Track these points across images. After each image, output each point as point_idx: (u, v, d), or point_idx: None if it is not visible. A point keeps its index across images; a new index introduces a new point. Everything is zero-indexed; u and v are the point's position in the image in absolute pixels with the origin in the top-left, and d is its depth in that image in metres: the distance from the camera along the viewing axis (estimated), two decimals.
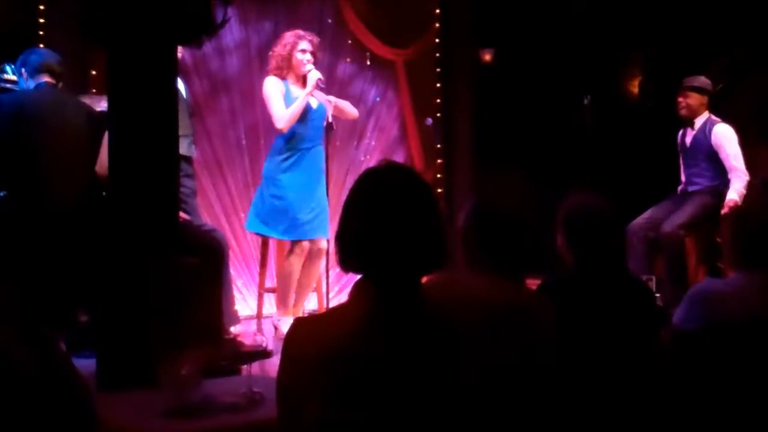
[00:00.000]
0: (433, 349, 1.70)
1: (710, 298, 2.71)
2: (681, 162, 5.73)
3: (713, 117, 5.58)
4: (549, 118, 6.58)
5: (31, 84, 4.16)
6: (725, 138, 5.46)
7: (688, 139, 5.64)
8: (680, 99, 5.59)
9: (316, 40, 5.17)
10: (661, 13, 6.35)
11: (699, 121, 5.58)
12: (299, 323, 1.78)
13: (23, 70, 4.19)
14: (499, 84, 6.80)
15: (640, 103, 6.77)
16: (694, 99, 5.57)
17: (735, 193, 5.33)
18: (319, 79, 5.05)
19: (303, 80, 5.10)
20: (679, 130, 5.74)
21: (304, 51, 5.07)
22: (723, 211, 5.28)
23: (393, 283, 1.72)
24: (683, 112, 5.60)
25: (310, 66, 5.07)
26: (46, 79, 4.13)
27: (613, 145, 6.38)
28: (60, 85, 4.23)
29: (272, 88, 5.06)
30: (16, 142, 3.89)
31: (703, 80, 5.63)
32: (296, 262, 5.08)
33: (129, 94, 3.23)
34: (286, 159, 5.08)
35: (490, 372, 1.86)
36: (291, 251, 5.08)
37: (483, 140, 6.80)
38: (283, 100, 5.04)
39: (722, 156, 5.46)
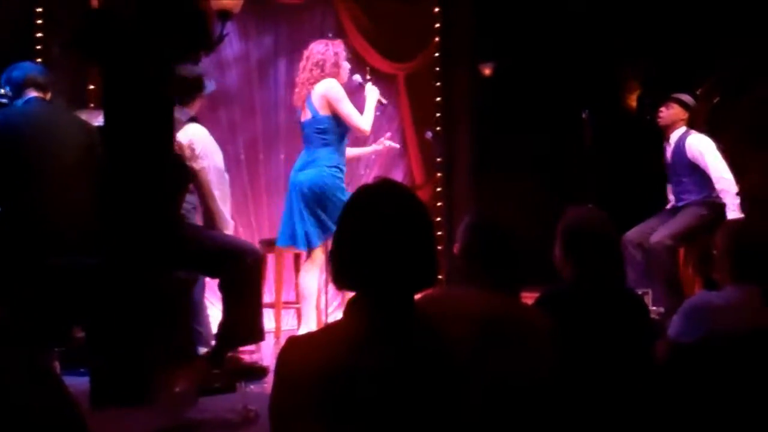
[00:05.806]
0: (428, 365, 1.70)
1: (704, 311, 2.71)
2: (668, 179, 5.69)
3: (689, 130, 5.53)
4: (548, 132, 6.58)
5: (19, 102, 4.04)
6: (700, 148, 5.39)
7: (668, 155, 5.60)
8: (662, 108, 5.58)
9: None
10: (659, 27, 6.36)
11: (674, 136, 5.54)
12: (292, 341, 1.77)
13: (8, 88, 4.09)
14: (498, 98, 6.80)
15: (639, 117, 6.76)
16: (673, 110, 5.54)
17: (735, 212, 5.23)
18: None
19: None
20: (664, 147, 5.71)
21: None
22: None
23: (387, 299, 1.72)
24: (660, 121, 5.58)
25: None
26: (32, 93, 4.02)
27: (611, 158, 6.37)
28: (48, 95, 4.10)
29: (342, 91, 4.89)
30: (9, 157, 3.85)
31: (687, 97, 5.60)
32: None
33: (125, 110, 3.23)
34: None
35: (486, 386, 1.85)
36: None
37: (482, 154, 6.81)
38: None
39: (702, 167, 5.37)
